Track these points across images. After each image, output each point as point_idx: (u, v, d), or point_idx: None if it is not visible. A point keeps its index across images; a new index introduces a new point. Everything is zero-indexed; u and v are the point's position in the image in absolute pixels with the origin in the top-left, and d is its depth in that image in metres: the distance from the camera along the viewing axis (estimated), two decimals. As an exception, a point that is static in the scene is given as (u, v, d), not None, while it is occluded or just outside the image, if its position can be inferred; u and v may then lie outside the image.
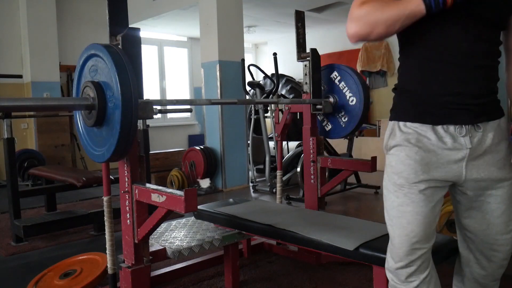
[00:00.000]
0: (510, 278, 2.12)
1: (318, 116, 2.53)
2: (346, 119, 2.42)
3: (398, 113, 1.23)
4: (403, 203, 1.18)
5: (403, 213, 1.18)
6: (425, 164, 1.16)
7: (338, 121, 2.47)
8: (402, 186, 1.18)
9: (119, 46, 1.59)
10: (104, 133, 1.45)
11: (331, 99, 2.44)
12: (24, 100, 1.30)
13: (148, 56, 7.67)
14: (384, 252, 1.28)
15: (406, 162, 1.18)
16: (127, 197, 1.62)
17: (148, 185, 1.57)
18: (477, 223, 1.24)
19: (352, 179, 4.46)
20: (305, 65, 2.44)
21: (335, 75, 2.45)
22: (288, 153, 4.90)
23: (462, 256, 1.34)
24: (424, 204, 1.17)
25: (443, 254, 1.49)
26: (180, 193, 1.34)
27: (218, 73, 4.78)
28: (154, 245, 1.97)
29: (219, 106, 4.78)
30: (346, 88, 2.40)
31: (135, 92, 1.36)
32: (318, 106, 2.41)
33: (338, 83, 2.44)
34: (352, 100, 2.37)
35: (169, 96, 7.96)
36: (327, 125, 2.53)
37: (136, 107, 1.37)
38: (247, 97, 4.86)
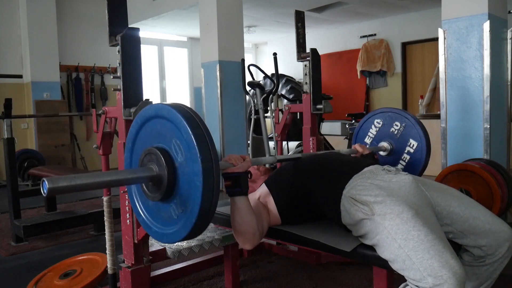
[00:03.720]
0: (510, 278, 2.11)
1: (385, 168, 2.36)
2: (408, 166, 2.25)
3: None
4: None
5: None
6: None
7: (401, 169, 2.25)
8: None
9: (119, 46, 1.59)
10: (172, 212, 1.20)
11: (386, 145, 2.29)
12: (77, 178, 1.08)
13: (148, 56, 7.67)
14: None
15: None
16: (126, 197, 1.62)
17: (148, 185, 1.56)
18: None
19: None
20: (305, 65, 2.44)
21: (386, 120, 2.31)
22: (288, 153, 4.89)
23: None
24: None
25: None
26: (180, 193, 1.33)
27: (218, 73, 4.77)
28: (154, 245, 1.97)
29: (219, 106, 4.79)
30: (402, 131, 2.24)
31: (217, 178, 1.12)
32: (318, 106, 2.41)
33: (389, 127, 2.30)
34: (412, 145, 2.22)
35: (169, 96, 7.97)
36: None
37: (218, 177, 1.13)
38: (247, 97, 4.85)
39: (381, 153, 2.32)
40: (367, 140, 2.41)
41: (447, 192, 1.49)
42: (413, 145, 2.23)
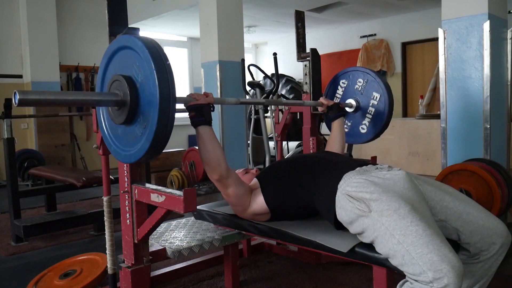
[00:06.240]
0: (510, 278, 2.12)
1: (347, 122, 2.43)
2: (374, 118, 2.35)
3: None
4: None
5: None
6: None
7: (368, 122, 2.39)
8: None
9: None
10: (136, 131, 1.30)
11: (352, 101, 2.38)
12: (46, 93, 1.21)
13: (148, 56, 7.67)
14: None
15: None
16: (126, 197, 1.62)
17: (147, 185, 1.56)
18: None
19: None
20: (305, 65, 2.44)
21: (349, 78, 2.40)
22: (288, 153, 4.89)
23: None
24: None
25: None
26: (179, 193, 1.33)
27: (218, 73, 4.77)
28: (154, 245, 1.97)
29: (219, 106, 4.78)
30: (365, 87, 2.33)
31: (172, 86, 1.23)
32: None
33: (353, 85, 2.39)
34: (376, 98, 2.31)
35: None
36: (362, 127, 2.43)
37: (174, 102, 1.23)
38: (247, 97, 4.85)
39: (348, 109, 2.41)
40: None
41: (441, 187, 1.50)
42: (376, 97, 2.32)
